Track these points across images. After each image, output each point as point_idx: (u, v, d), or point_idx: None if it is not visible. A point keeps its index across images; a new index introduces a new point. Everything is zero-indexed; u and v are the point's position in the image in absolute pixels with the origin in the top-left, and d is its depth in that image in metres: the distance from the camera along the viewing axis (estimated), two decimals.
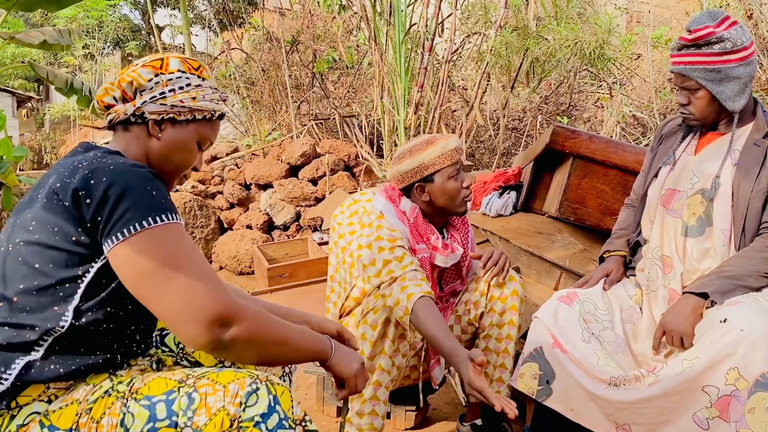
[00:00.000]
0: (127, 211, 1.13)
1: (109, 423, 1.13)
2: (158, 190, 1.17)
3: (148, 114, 1.30)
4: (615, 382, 1.75)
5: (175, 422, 1.12)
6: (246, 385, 1.15)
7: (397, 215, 1.97)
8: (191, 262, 1.15)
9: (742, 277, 1.72)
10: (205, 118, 1.36)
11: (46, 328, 1.15)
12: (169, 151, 1.34)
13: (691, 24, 1.81)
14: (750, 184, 1.79)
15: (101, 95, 1.33)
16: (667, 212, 1.92)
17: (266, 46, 7.50)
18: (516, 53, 5.60)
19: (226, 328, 1.14)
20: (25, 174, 9.16)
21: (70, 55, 12.42)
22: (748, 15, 6.01)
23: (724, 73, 1.78)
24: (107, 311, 1.20)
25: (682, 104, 1.88)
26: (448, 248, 2.05)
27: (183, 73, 1.33)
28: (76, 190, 1.14)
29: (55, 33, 4.96)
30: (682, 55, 1.81)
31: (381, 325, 1.86)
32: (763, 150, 1.81)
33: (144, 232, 1.13)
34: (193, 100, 1.32)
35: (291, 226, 4.97)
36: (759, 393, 1.52)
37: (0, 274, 1.19)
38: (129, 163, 1.20)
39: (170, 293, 1.12)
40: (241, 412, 1.12)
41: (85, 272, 1.17)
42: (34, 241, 1.16)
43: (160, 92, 1.30)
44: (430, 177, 1.97)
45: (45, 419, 1.15)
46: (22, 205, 1.25)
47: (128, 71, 1.33)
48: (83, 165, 1.18)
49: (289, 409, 1.17)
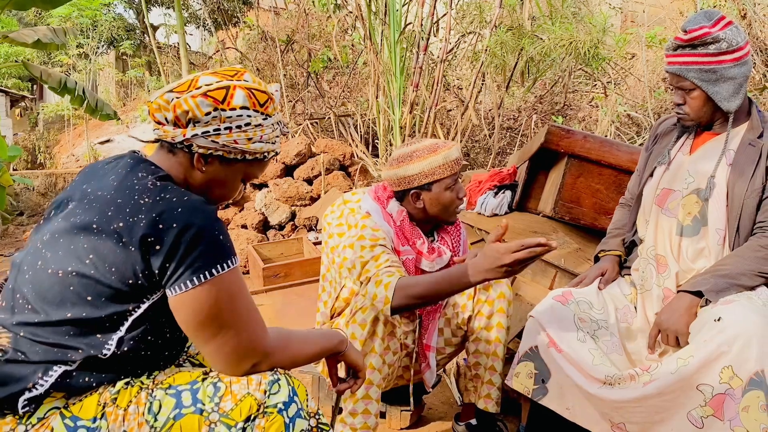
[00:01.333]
0: (197, 259, 1.13)
1: (136, 411, 1.16)
2: (223, 232, 1.17)
3: (196, 147, 1.23)
4: (610, 381, 1.75)
5: (201, 409, 1.16)
6: (268, 375, 1.21)
7: (383, 216, 1.95)
8: (245, 307, 1.20)
9: (737, 276, 1.72)
10: (256, 159, 1.29)
11: (89, 353, 1.16)
12: (211, 185, 1.29)
13: (687, 24, 1.80)
14: (745, 184, 1.79)
15: (153, 109, 1.24)
16: (662, 212, 1.93)
17: (261, 45, 7.49)
18: (511, 53, 5.61)
19: (256, 366, 1.22)
20: (18, 174, 9.12)
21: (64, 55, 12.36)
22: (741, 15, 6.03)
23: (719, 73, 1.78)
24: (147, 339, 1.22)
25: (678, 104, 1.88)
26: (435, 252, 2.02)
27: (246, 110, 1.22)
28: (145, 236, 1.12)
29: (48, 32, 4.94)
30: (677, 55, 1.81)
31: (370, 324, 1.86)
32: (757, 150, 1.82)
33: (212, 280, 1.15)
34: (248, 142, 1.24)
35: (286, 226, 4.96)
36: (753, 391, 1.52)
37: (45, 297, 1.17)
38: (195, 202, 1.17)
39: (221, 337, 1.17)
40: (266, 399, 1.18)
41: (136, 307, 1.18)
42: (89, 275, 1.15)
43: (215, 128, 1.21)
44: (428, 186, 1.94)
45: (65, 411, 1.16)
46: (60, 219, 1.21)
47: (188, 96, 1.21)
48: (146, 202, 1.15)
49: (304, 401, 1.23)
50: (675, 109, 1.91)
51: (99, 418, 1.16)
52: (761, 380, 1.52)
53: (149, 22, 9.35)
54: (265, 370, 1.23)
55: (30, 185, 7.99)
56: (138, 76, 14.51)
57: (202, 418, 1.16)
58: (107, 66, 14.27)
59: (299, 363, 1.31)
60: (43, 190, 8.32)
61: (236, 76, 1.25)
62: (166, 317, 1.21)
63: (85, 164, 11.35)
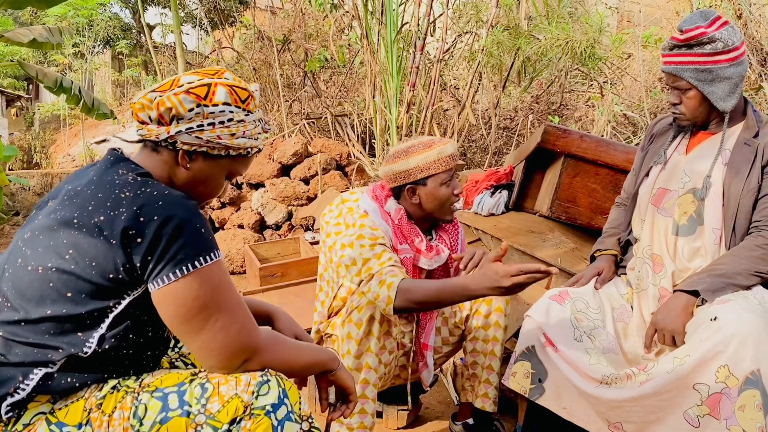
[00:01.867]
0: (179, 251, 1.13)
1: (120, 416, 1.15)
2: (205, 225, 1.17)
3: (180, 144, 1.24)
4: (607, 381, 1.75)
5: (188, 411, 1.14)
6: (258, 376, 1.18)
7: (381, 215, 1.97)
8: (230, 299, 1.19)
9: (733, 276, 1.73)
10: (240, 155, 1.31)
11: (70, 352, 1.15)
12: (196, 182, 1.30)
13: (683, 24, 1.81)
14: (741, 183, 1.80)
15: (137, 109, 1.26)
16: (658, 211, 1.93)
17: (257, 45, 7.48)
18: (507, 52, 5.61)
19: (247, 363, 1.19)
20: (14, 174, 9.10)
21: (60, 54, 12.33)
22: (737, 14, 6.04)
23: (715, 73, 1.78)
24: (129, 338, 1.21)
25: (674, 104, 1.88)
26: (433, 250, 2.03)
27: (228, 106, 1.25)
28: (126, 229, 1.12)
29: (44, 31, 4.93)
30: (673, 55, 1.81)
31: (366, 323, 1.86)
32: (753, 149, 1.82)
33: (194, 272, 1.14)
34: (231, 137, 1.26)
35: (283, 226, 4.96)
36: (749, 390, 1.53)
37: (25, 294, 1.16)
38: (175, 197, 1.17)
39: (208, 331, 1.16)
40: (253, 400, 1.15)
41: (116, 304, 1.17)
42: (69, 271, 1.14)
43: (198, 124, 1.23)
44: (423, 181, 1.95)
45: (51, 416, 1.15)
46: (40, 216, 1.21)
47: (170, 94, 1.23)
48: (127, 196, 1.15)
49: (296, 404, 1.20)
50: (671, 109, 1.92)
51: (84, 424, 1.14)
52: (757, 379, 1.52)
53: (145, 22, 9.33)
54: (256, 368, 1.20)
55: (26, 185, 7.98)
56: (134, 75, 14.48)
57: (188, 420, 1.13)
58: (103, 65, 14.23)
59: (288, 368, 1.28)
60: (39, 190, 8.31)
61: (217, 74, 1.28)
62: (147, 315, 1.20)
63: (81, 164, 11.34)
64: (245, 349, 1.19)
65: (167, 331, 1.29)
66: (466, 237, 3.29)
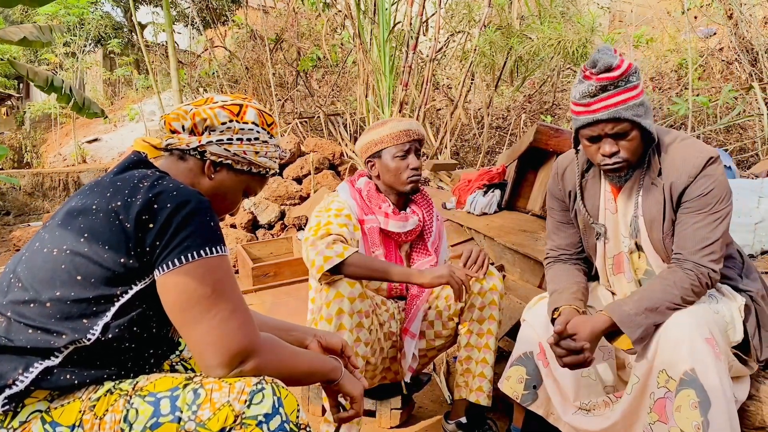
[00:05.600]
0: (186, 238, 1.16)
1: (112, 419, 1.14)
2: (215, 220, 1.22)
3: (209, 154, 1.34)
4: (585, 407, 1.79)
5: (179, 417, 1.13)
6: (252, 383, 1.17)
7: (350, 193, 2.17)
8: (232, 295, 1.20)
9: (662, 312, 1.63)
10: (260, 174, 1.42)
11: (73, 338, 1.16)
12: (216, 193, 1.38)
13: (605, 61, 1.60)
14: (659, 228, 1.73)
15: (172, 118, 1.36)
16: (623, 275, 1.89)
17: (250, 44, 7.47)
18: (500, 52, 5.63)
19: (244, 363, 1.19)
20: (5, 173, 9.04)
21: (51, 53, 12.25)
22: (728, 15, 6.08)
23: (645, 105, 1.64)
24: (133, 330, 1.21)
25: (611, 154, 1.66)
26: (399, 214, 2.16)
27: (256, 126, 1.38)
28: (140, 213, 1.16)
29: (35, 30, 4.90)
30: (604, 99, 1.61)
31: (335, 317, 1.87)
32: (660, 189, 1.71)
33: (199, 261, 1.17)
34: (255, 155, 1.38)
35: (275, 225, 4.95)
36: (683, 390, 1.53)
37: (37, 275, 1.19)
38: (191, 191, 1.22)
39: (207, 323, 1.17)
40: (245, 409, 1.14)
41: (124, 292, 1.18)
42: (82, 253, 1.17)
43: (228, 137, 1.35)
44: (378, 153, 2.15)
45: (46, 415, 1.15)
46: (71, 209, 1.24)
47: (206, 107, 1.36)
48: (144, 186, 1.20)
49: (292, 413, 1.19)
50: (604, 162, 1.68)
51: (77, 426, 1.14)
52: (691, 378, 1.53)
53: (137, 21, 9.29)
54: (252, 371, 1.19)
55: (16, 185, 7.93)
56: (126, 74, 14.41)
57: (179, 426, 1.13)
58: (95, 64, 14.14)
59: (286, 374, 1.27)
60: (29, 189, 8.26)
61: (247, 99, 1.43)
62: (153, 310, 1.21)
63: (72, 163, 11.26)
64: (242, 347, 1.18)
65: (171, 331, 1.30)
66: (458, 236, 3.29)
